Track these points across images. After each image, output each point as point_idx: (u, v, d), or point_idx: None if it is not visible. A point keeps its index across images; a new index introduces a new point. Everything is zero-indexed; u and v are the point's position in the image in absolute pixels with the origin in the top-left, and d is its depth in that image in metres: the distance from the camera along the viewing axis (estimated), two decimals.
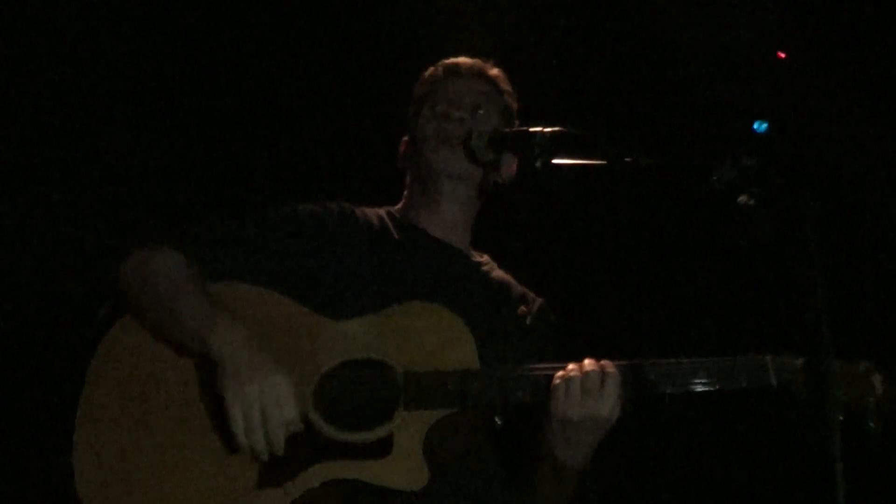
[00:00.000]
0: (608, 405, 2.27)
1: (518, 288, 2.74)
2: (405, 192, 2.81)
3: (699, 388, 2.33)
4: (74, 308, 3.66)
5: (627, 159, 2.28)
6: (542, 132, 2.38)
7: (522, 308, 2.65)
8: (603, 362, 2.31)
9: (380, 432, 2.29)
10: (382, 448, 2.28)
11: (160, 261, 2.44)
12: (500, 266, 2.80)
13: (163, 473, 2.28)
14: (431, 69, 2.84)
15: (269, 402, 2.21)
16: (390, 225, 2.70)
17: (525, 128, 2.47)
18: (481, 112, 2.71)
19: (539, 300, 2.74)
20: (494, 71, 2.83)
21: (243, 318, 2.36)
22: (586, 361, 2.31)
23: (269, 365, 2.26)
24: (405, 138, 2.84)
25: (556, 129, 2.38)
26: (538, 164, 2.35)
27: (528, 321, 2.64)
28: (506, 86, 2.82)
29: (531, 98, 2.89)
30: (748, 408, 4.04)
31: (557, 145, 2.35)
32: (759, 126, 4.45)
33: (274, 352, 2.31)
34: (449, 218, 2.72)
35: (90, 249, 3.88)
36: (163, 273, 2.41)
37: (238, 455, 2.26)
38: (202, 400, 2.33)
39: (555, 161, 2.36)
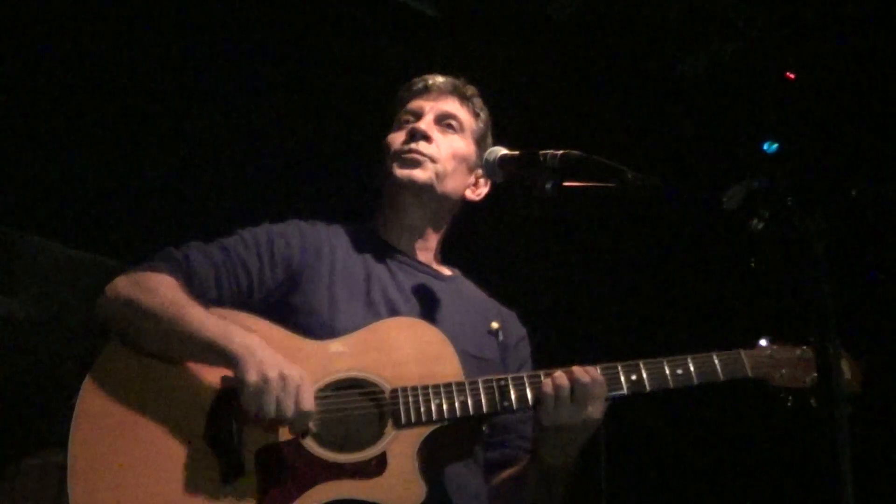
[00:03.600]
0: (597, 409, 2.35)
1: (489, 301, 2.80)
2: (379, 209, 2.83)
3: (680, 384, 2.44)
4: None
5: (637, 182, 2.29)
6: (551, 154, 2.39)
7: (494, 324, 2.69)
8: (588, 368, 2.37)
9: (372, 451, 2.31)
10: (378, 466, 2.30)
11: (153, 283, 2.42)
12: (472, 280, 2.84)
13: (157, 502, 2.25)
14: (406, 85, 2.87)
15: (289, 391, 2.23)
16: (364, 241, 2.73)
17: (534, 150, 2.48)
18: (450, 128, 2.76)
19: (511, 313, 2.80)
20: (468, 90, 2.85)
21: None
22: (574, 368, 2.37)
23: (286, 362, 2.28)
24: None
25: (565, 151, 2.39)
26: (548, 186, 2.36)
27: (500, 336, 2.68)
28: (477, 105, 2.85)
29: (539, 120, 2.90)
30: (736, 406, 4.06)
31: (567, 167, 2.36)
32: (769, 147, 4.45)
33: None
34: (417, 232, 2.77)
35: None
36: (160, 293, 2.39)
37: (235, 483, 2.26)
38: (197, 428, 2.32)
39: (564, 183, 2.37)
